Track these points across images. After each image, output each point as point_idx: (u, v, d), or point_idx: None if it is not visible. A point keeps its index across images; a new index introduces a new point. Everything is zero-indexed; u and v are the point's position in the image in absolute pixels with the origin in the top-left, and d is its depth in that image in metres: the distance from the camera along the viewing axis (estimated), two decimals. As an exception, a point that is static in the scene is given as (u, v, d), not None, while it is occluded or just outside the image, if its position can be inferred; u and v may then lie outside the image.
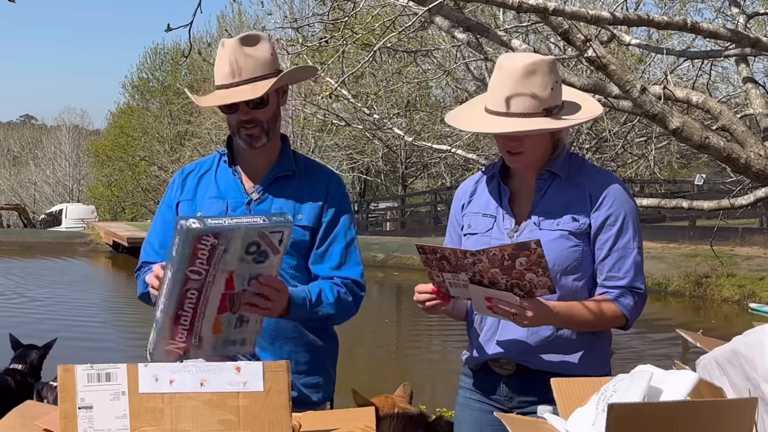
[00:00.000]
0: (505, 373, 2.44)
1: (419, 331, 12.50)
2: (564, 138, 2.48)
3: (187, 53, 5.66)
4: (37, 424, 2.00)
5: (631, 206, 2.40)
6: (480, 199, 2.54)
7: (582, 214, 2.36)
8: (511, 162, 2.44)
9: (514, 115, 2.32)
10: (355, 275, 2.59)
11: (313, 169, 2.67)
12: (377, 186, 34.59)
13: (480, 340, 2.48)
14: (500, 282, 2.17)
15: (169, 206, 2.66)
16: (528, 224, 2.40)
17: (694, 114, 7.74)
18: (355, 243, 2.64)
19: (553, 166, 2.42)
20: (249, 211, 2.55)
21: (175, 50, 37.72)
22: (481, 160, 7.46)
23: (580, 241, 2.36)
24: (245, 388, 1.76)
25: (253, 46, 2.49)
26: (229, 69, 2.47)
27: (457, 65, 13.27)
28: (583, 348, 2.39)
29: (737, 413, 1.60)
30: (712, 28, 4.55)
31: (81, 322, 13.00)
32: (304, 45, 7.29)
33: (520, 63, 2.33)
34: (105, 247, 25.49)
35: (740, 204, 4.54)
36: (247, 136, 2.52)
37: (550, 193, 2.41)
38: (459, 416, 2.59)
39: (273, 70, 2.52)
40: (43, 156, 53.94)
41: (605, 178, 2.44)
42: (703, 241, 15.69)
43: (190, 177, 2.67)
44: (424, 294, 2.33)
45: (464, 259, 2.17)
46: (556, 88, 2.35)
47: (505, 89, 2.33)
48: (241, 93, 2.46)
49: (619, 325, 2.41)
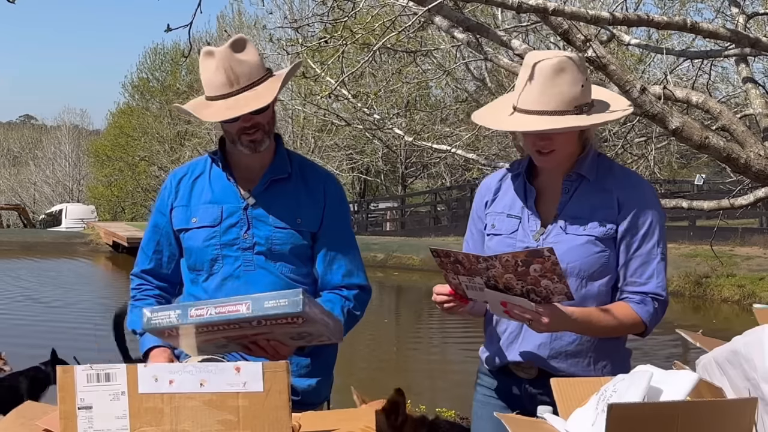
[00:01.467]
0: (527, 376, 2.41)
1: (419, 331, 12.51)
2: (591, 138, 2.43)
3: (187, 53, 5.66)
4: (36, 424, 2.00)
5: (658, 212, 2.37)
6: (504, 198, 2.49)
7: (609, 219, 2.33)
8: (540, 162, 2.39)
9: (546, 113, 2.27)
10: (362, 281, 2.61)
11: (308, 170, 2.64)
12: (377, 186, 34.59)
13: (501, 343, 2.45)
14: (515, 287, 2.13)
15: (161, 213, 2.64)
16: (554, 228, 2.36)
17: (694, 114, 7.74)
18: (357, 246, 2.65)
19: (581, 167, 2.38)
20: (245, 215, 2.54)
21: (175, 50, 37.75)
22: (481, 160, 7.45)
23: (606, 246, 2.33)
24: (245, 388, 1.76)
25: (243, 51, 2.46)
26: (226, 78, 2.43)
27: (457, 65, 13.27)
28: (607, 355, 2.37)
29: (737, 413, 1.60)
30: (711, 28, 4.55)
31: (81, 322, 13.01)
32: (304, 45, 7.28)
33: (550, 61, 2.29)
34: (105, 247, 25.49)
35: (740, 204, 4.54)
36: (250, 142, 2.48)
37: (577, 196, 2.37)
38: (478, 413, 2.55)
39: (265, 72, 2.50)
40: (43, 156, 53.92)
41: (634, 182, 2.40)
42: (703, 241, 15.70)
43: (183, 181, 2.63)
44: (441, 296, 2.31)
45: (477, 264, 2.14)
46: (586, 85, 2.31)
47: (535, 87, 2.29)
48: (246, 102, 2.42)
49: (637, 331, 2.37)
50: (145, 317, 2.15)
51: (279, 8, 25.70)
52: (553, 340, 2.35)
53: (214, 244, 2.53)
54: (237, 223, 2.53)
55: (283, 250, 2.52)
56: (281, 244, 2.52)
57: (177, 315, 2.11)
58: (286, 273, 2.53)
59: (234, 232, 2.52)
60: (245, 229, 2.52)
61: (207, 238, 2.53)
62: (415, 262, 19.87)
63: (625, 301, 2.35)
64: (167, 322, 2.12)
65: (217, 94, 2.46)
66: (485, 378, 2.56)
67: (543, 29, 8.82)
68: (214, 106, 2.47)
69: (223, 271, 2.53)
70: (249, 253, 2.52)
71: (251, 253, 2.52)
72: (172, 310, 2.13)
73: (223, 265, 2.53)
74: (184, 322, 2.10)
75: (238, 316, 2.07)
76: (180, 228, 2.59)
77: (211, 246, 2.53)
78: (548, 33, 9.59)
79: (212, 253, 2.53)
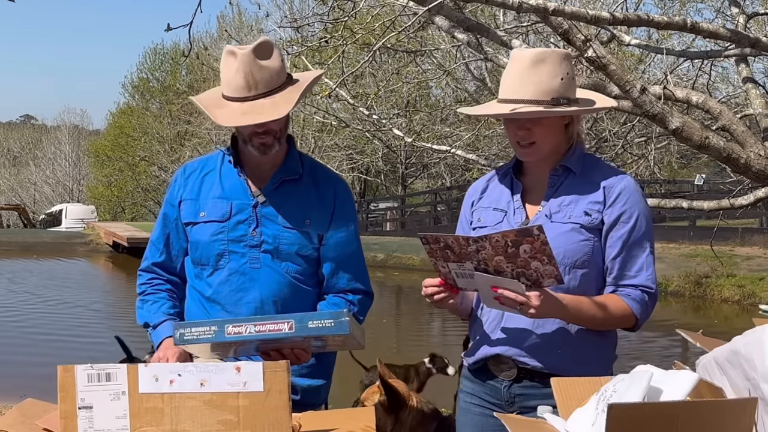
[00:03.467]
0: (507, 378, 2.41)
1: (419, 331, 12.50)
2: (576, 134, 2.44)
3: (187, 53, 5.67)
4: (37, 424, 2.00)
5: (644, 206, 2.38)
6: (491, 195, 2.51)
7: (595, 210, 2.34)
8: (522, 155, 2.41)
9: (523, 102, 2.30)
10: (367, 287, 2.64)
11: (319, 173, 2.65)
12: (377, 186, 34.59)
13: (483, 330, 2.43)
14: (506, 270, 2.13)
15: (171, 204, 2.64)
16: (539, 216, 2.37)
17: (694, 114, 7.74)
18: (362, 251, 2.67)
19: (568, 161, 2.40)
20: (255, 213, 2.54)
21: (175, 50, 37.73)
22: (480, 160, 7.45)
23: (592, 235, 2.33)
24: (245, 388, 1.76)
25: (268, 58, 2.44)
26: (245, 82, 2.42)
27: (457, 65, 13.25)
28: (588, 350, 2.35)
29: (737, 413, 1.60)
30: (712, 28, 4.55)
31: (81, 322, 13.01)
32: (304, 45, 7.28)
33: (531, 53, 2.34)
34: (105, 247, 25.49)
35: (740, 204, 4.54)
36: (260, 145, 2.49)
37: (563, 188, 2.39)
38: (460, 420, 2.56)
39: (285, 78, 2.49)
40: (43, 156, 53.93)
41: (620, 176, 2.41)
42: (703, 241, 15.70)
43: (192, 175, 2.64)
44: (431, 287, 2.30)
45: (467, 247, 2.14)
46: (567, 79, 2.33)
47: (515, 77, 2.33)
48: (263, 110, 2.41)
49: (628, 325, 2.37)
50: (178, 333, 2.15)
51: (279, 8, 25.69)
52: (534, 328, 2.33)
53: (222, 239, 2.53)
54: (246, 219, 2.53)
55: (290, 250, 2.53)
56: (289, 244, 2.53)
57: (214, 332, 2.11)
58: (292, 273, 2.53)
59: (242, 228, 2.53)
60: (254, 227, 2.53)
61: (215, 233, 2.54)
62: (415, 262, 19.88)
63: (615, 293, 2.34)
64: (204, 338, 2.12)
65: (234, 96, 2.45)
66: (466, 382, 2.55)
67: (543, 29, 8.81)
68: (229, 108, 2.46)
69: (229, 266, 2.53)
70: (256, 250, 2.52)
71: (258, 251, 2.52)
72: (207, 326, 2.13)
73: (229, 260, 2.53)
74: (221, 339, 2.11)
75: (279, 335, 2.11)
76: (188, 221, 2.59)
77: (218, 241, 2.53)
78: (548, 33, 9.58)
79: (219, 248, 2.53)
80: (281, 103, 2.43)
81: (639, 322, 2.36)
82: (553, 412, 1.90)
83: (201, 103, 2.54)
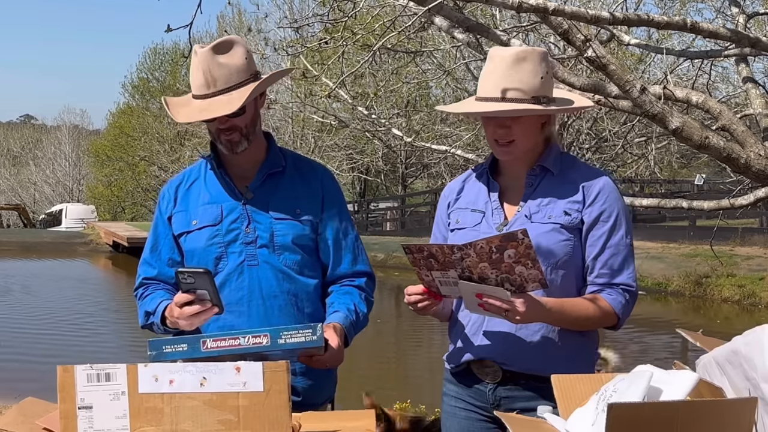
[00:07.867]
0: (492, 380, 2.39)
1: (419, 331, 12.50)
2: (555, 134, 2.46)
3: (187, 53, 5.66)
4: (36, 423, 2.00)
5: (623, 203, 2.39)
6: (468, 196, 2.51)
7: (574, 209, 2.34)
8: (500, 154, 2.41)
9: (503, 101, 2.30)
10: (367, 268, 2.66)
11: (302, 164, 2.67)
12: (377, 186, 34.57)
13: (465, 334, 2.42)
14: (490, 277, 2.13)
15: (162, 221, 2.65)
16: (518, 217, 2.37)
17: (694, 114, 7.74)
18: (357, 232, 2.68)
19: (545, 161, 2.40)
20: (245, 210, 2.55)
21: (175, 50, 37.76)
22: (480, 160, 7.46)
23: (572, 235, 2.33)
24: (245, 388, 1.76)
25: (226, 54, 2.45)
26: (203, 79, 2.44)
27: (457, 65, 13.26)
28: (570, 351, 2.35)
29: (737, 413, 1.60)
30: (712, 28, 4.56)
31: (81, 322, 13.01)
32: (304, 45, 7.28)
33: (511, 51, 2.34)
34: (105, 247, 25.50)
35: (740, 204, 4.54)
36: (227, 142, 2.51)
37: (541, 189, 2.39)
38: (446, 424, 2.54)
39: (249, 76, 2.49)
40: (43, 156, 53.98)
41: (597, 175, 2.41)
42: (703, 241, 15.68)
43: (179, 189, 2.65)
44: (414, 295, 2.30)
45: (452, 255, 2.13)
46: (546, 78, 2.33)
47: (495, 75, 2.32)
48: (218, 106, 2.43)
49: (610, 323, 2.37)
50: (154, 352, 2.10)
51: (279, 8, 25.69)
52: (516, 331, 2.33)
53: (218, 242, 2.54)
54: (238, 218, 2.54)
55: (285, 241, 2.53)
56: (283, 235, 2.53)
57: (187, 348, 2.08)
58: (290, 265, 2.53)
59: (236, 228, 2.54)
60: (246, 224, 2.53)
61: (210, 237, 2.54)
62: (415, 262, 19.84)
63: (596, 293, 2.34)
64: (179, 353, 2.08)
65: (196, 94, 2.48)
66: (449, 386, 2.53)
67: (543, 29, 8.82)
68: (191, 106, 2.50)
69: (227, 267, 2.53)
70: (252, 247, 2.53)
71: (254, 248, 2.53)
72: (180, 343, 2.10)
73: (227, 262, 2.54)
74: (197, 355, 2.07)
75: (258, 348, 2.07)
76: (181, 232, 2.60)
77: (214, 245, 2.54)
78: (548, 33, 9.59)
79: (216, 251, 2.54)
80: (237, 98, 2.44)
81: (621, 320, 2.37)
82: (553, 412, 1.90)
83: (171, 102, 2.57)
